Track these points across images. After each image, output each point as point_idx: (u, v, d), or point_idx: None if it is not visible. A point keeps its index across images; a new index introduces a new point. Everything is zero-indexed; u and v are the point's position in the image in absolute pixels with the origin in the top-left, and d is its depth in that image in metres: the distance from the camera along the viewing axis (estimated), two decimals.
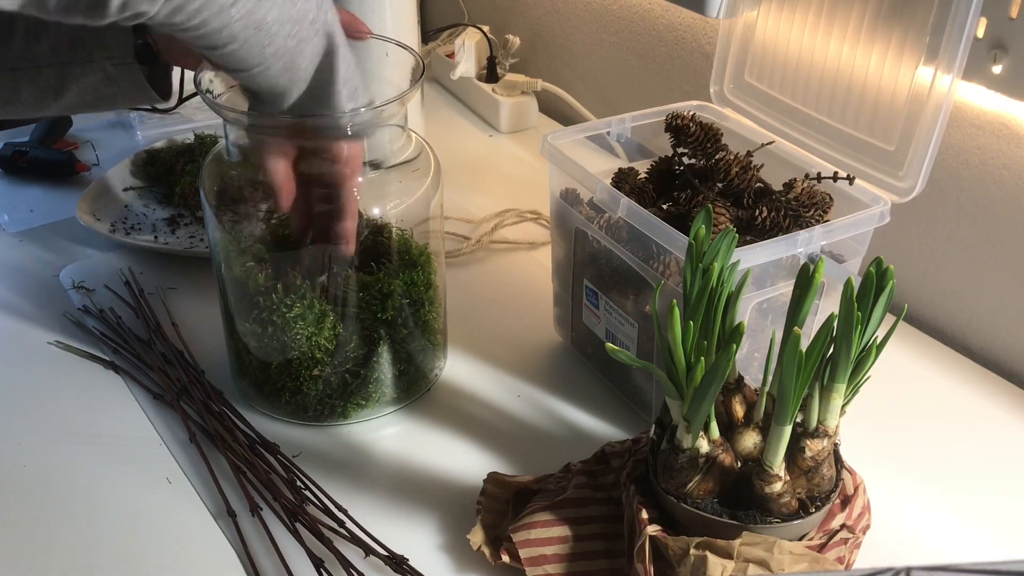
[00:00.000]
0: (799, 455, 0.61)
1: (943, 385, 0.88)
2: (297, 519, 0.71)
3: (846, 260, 0.76)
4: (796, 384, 0.57)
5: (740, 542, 0.60)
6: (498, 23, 1.47)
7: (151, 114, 1.27)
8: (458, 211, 1.12)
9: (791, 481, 0.61)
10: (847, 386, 0.60)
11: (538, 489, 0.71)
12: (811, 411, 0.60)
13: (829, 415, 0.61)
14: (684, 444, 0.61)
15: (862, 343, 0.58)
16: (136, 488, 0.76)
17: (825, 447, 0.61)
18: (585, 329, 0.87)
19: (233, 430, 0.79)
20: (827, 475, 0.62)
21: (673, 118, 0.81)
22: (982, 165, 0.87)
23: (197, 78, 0.75)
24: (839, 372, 0.59)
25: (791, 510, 0.61)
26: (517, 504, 0.71)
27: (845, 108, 0.83)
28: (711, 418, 0.60)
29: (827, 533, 0.64)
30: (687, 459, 0.61)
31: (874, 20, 0.79)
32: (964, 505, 0.76)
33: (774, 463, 0.60)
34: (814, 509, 0.61)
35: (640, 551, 0.62)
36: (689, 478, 0.61)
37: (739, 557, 0.60)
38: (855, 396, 0.61)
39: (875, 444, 0.81)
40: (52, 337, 0.91)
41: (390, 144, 0.82)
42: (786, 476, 0.60)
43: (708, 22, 1.11)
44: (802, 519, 0.61)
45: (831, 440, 0.61)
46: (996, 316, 0.91)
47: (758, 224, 0.75)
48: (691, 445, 0.61)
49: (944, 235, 0.93)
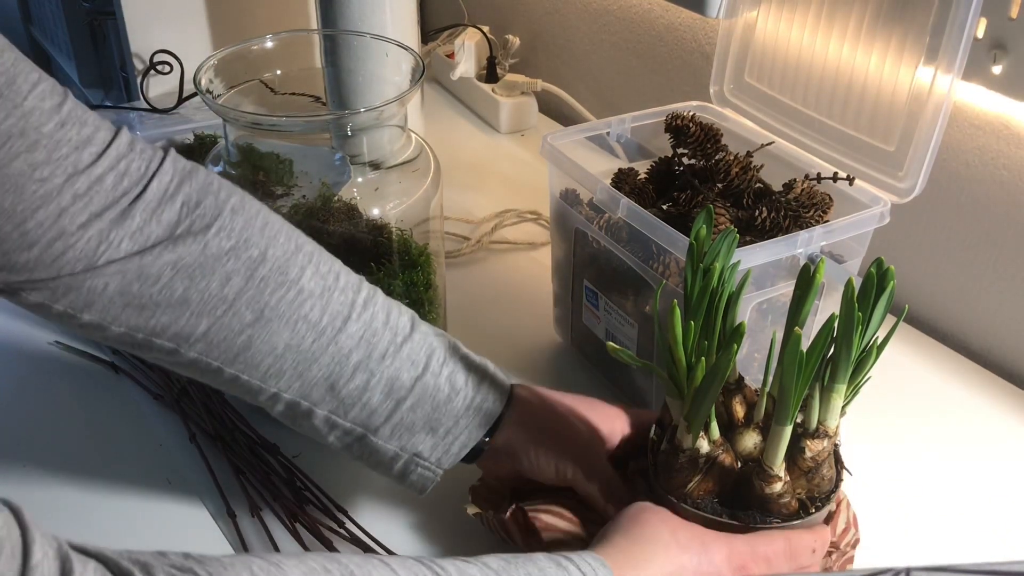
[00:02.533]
0: (799, 456, 0.61)
1: (943, 385, 0.88)
2: (297, 519, 0.71)
3: (846, 260, 0.76)
4: (797, 384, 0.57)
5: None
6: (498, 23, 1.47)
7: (151, 114, 1.27)
8: (458, 211, 1.12)
9: (791, 481, 0.61)
10: (847, 387, 0.60)
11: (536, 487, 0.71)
12: (811, 412, 0.60)
13: (829, 416, 0.60)
14: (684, 444, 0.61)
15: (862, 344, 0.58)
16: (136, 488, 0.76)
17: (825, 448, 0.61)
18: (585, 329, 0.87)
19: (233, 430, 0.79)
20: (827, 475, 0.62)
21: (673, 118, 0.81)
22: (982, 165, 0.87)
23: (197, 78, 0.75)
24: (839, 373, 0.59)
25: (791, 510, 0.61)
26: (515, 498, 0.71)
27: (845, 108, 0.83)
28: (711, 418, 0.60)
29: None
30: (687, 459, 0.61)
31: (874, 20, 0.79)
32: (964, 505, 0.76)
33: (774, 463, 0.60)
34: (814, 509, 0.61)
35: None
36: (689, 478, 0.61)
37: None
38: (856, 396, 0.61)
39: (875, 444, 0.81)
40: (52, 337, 0.91)
41: (390, 144, 0.82)
42: (786, 476, 0.60)
43: (708, 22, 1.11)
44: (802, 519, 0.61)
45: (831, 441, 0.61)
46: (996, 316, 0.91)
47: (758, 224, 0.75)
48: (691, 445, 0.61)
49: (944, 235, 0.93)
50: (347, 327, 0.62)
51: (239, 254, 0.60)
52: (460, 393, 0.65)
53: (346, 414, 0.63)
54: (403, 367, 0.64)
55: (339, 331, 0.62)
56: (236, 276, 0.60)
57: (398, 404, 0.64)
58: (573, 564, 0.54)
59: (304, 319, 0.61)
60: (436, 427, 0.65)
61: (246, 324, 0.60)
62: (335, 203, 0.77)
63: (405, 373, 0.64)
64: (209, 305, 0.59)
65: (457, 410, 0.65)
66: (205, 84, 0.75)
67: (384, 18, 1.01)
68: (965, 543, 0.72)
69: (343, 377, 0.62)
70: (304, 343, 0.61)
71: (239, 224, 0.60)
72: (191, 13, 1.31)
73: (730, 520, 0.61)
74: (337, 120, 0.80)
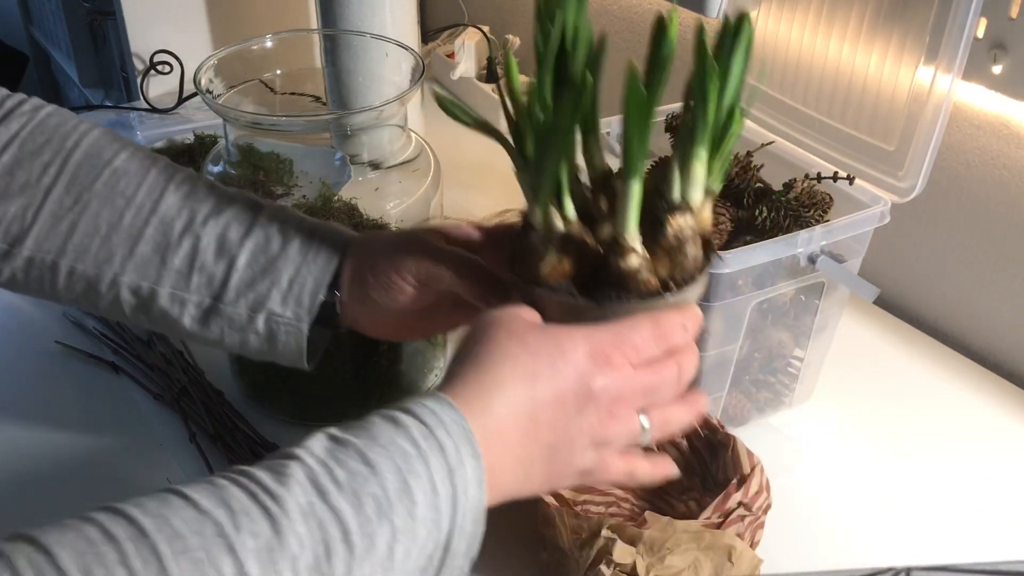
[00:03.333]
0: (661, 234, 0.55)
1: (943, 385, 0.88)
2: None
3: (846, 260, 0.76)
4: (637, 129, 0.51)
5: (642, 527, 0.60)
6: (498, 23, 1.47)
7: (151, 114, 1.27)
8: (458, 211, 1.12)
9: (653, 261, 0.55)
10: (712, 157, 0.54)
11: None
12: (672, 183, 0.55)
13: (692, 188, 0.54)
14: (534, 220, 0.55)
15: (722, 103, 0.53)
16: (136, 488, 0.75)
17: (689, 224, 0.55)
18: None
19: (233, 430, 0.79)
20: (692, 255, 0.55)
21: (673, 118, 0.81)
22: (982, 165, 0.87)
23: (197, 78, 0.75)
24: (699, 135, 0.53)
25: (651, 288, 0.54)
26: None
27: (845, 108, 0.83)
28: (564, 194, 0.55)
29: (724, 513, 0.64)
30: (539, 238, 0.55)
31: (874, 20, 0.79)
32: (964, 505, 0.76)
33: (626, 229, 0.53)
34: (675, 288, 0.55)
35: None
36: (541, 258, 0.55)
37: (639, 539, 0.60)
38: (724, 172, 0.56)
39: (875, 443, 0.81)
40: (53, 338, 0.91)
41: (390, 144, 0.82)
42: (644, 252, 0.54)
43: (708, 22, 1.11)
44: (664, 298, 0.54)
45: (696, 218, 0.55)
46: (996, 316, 0.91)
47: (758, 224, 0.75)
48: (540, 221, 0.55)
49: (944, 235, 0.93)
50: (165, 197, 0.63)
51: (55, 147, 0.63)
52: (294, 241, 0.63)
53: (187, 285, 0.63)
54: (230, 225, 0.63)
55: (158, 202, 0.63)
56: (52, 166, 0.62)
57: (232, 262, 0.62)
58: (411, 416, 0.48)
59: (121, 195, 0.62)
60: (278, 278, 0.63)
61: (66, 209, 0.62)
62: (335, 203, 0.77)
63: (233, 231, 0.63)
64: (28, 194, 0.61)
65: (294, 256, 0.63)
66: (205, 84, 0.75)
67: (384, 18, 1.01)
68: (965, 543, 0.72)
69: (171, 246, 0.62)
70: (125, 220, 0.62)
71: (54, 123, 0.64)
72: (191, 13, 1.31)
73: (585, 302, 0.54)
74: (337, 120, 0.80)
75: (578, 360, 0.51)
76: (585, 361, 0.51)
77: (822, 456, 0.80)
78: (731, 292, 0.71)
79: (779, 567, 0.68)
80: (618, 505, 0.73)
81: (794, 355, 0.81)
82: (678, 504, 0.73)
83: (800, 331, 0.79)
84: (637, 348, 0.53)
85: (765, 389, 0.82)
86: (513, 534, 0.70)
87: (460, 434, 0.48)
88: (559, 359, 0.51)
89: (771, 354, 0.80)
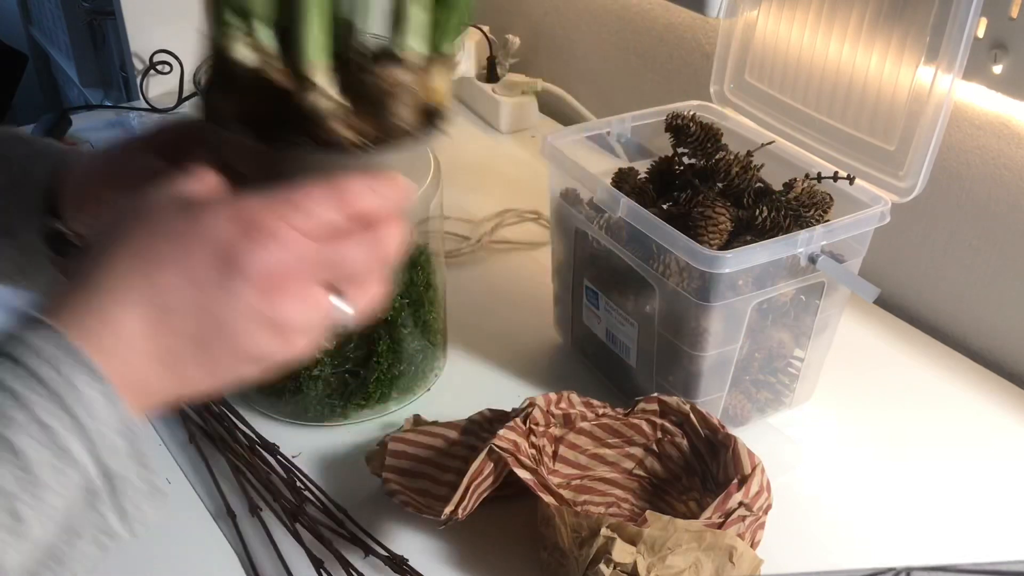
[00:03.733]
0: (365, 82, 0.48)
1: (943, 385, 0.88)
2: (297, 519, 0.71)
3: (846, 260, 0.76)
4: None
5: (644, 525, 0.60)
6: (498, 23, 1.47)
7: (151, 114, 1.27)
8: (458, 211, 1.12)
9: (357, 117, 0.48)
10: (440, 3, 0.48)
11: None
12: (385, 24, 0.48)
13: (407, 35, 0.48)
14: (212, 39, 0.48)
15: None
16: None
17: (402, 79, 0.48)
18: (585, 329, 0.87)
19: (233, 430, 0.79)
20: (403, 116, 0.48)
21: (673, 118, 0.81)
22: (982, 165, 0.87)
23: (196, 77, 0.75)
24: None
25: (338, 139, 0.47)
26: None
27: (845, 108, 0.83)
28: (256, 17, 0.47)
29: (725, 513, 0.64)
30: (214, 66, 0.48)
31: (874, 20, 0.79)
32: (964, 505, 0.76)
33: (308, 51, 0.46)
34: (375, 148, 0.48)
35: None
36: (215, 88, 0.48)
37: (639, 538, 0.60)
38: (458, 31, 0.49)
39: (875, 444, 0.81)
40: None
41: None
42: (343, 100, 0.47)
43: (708, 22, 1.11)
44: (353, 155, 0.47)
45: (415, 76, 0.48)
46: (996, 316, 0.90)
47: (758, 224, 0.75)
48: (217, 38, 0.47)
49: (944, 235, 0.93)
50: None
51: None
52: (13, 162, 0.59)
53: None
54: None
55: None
56: None
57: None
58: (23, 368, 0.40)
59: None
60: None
61: None
62: None
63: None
64: None
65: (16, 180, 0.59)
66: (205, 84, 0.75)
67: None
68: (965, 543, 0.72)
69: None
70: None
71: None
72: (191, 13, 1.29)
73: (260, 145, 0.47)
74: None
75: (217, 231, 0.43)
76: (227, 231, 0.43)
77: (822, 456, 0.80)
78: (731, 292, 0.71)
79: (780, 567, 0.68)
80: (618, 505, 0.73)
81: (794, 355, 0.81)
82: (678, 504, 0.73)
83: (800, 331, 0.79)
84: (307, 212, 0.44)
85: (765, 389, 0.82)
86: (513, 534, 0.70)
87: (58, 354, 0.41)
88: (190, 234, 0.43)
89: (771, 354, 0.80)
